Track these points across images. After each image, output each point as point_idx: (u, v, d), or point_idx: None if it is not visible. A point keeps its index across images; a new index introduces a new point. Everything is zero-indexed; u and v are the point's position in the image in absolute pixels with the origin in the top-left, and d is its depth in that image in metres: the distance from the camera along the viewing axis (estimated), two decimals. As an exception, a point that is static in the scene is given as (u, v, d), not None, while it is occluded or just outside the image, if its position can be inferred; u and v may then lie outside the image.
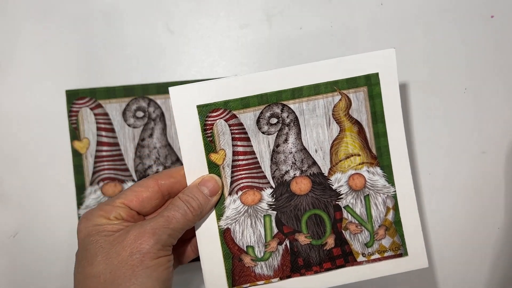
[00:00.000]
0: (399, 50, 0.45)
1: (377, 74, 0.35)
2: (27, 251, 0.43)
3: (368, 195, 0.36)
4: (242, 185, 0.35)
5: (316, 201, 0.36)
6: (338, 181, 0.36)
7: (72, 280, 0.31)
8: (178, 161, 0.43)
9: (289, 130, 0.35)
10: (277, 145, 0.35)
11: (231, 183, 0.35)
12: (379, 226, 0.36)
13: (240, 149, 0.35)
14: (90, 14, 0.44)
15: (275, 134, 0.35)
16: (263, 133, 0.35)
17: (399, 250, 0.36)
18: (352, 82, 0.35)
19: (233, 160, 0.35)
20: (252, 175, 0.35)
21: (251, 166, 0.35)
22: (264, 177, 0.36)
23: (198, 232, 0.35)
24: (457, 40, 0.46)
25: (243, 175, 0.35)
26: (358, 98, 0.35)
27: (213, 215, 0.35)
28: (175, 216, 0.31)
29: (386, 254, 0.36)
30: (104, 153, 0.42)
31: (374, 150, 0.36)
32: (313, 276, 0.36)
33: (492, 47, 0.46)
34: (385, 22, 0.45)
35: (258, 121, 0.35)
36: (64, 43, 0.44)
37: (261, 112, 0.35)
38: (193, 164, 0.34)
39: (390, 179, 0.36)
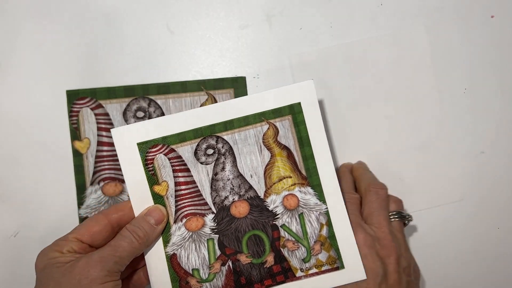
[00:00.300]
0: (399, 50, 0.45)
1: (299, 103, 0.38)
2: (27, 251, 0.43)
3: (302, 213, 0.39)
4: (185, 212, 0.38)
5: (254, 223, 0.38)
6: (274, 202, 0.39)
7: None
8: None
9: (225, 159, 0.39)
10: (215, 174, 0.38)
11: (176, 211, 0.38)
12: (314, 241, 0.38)
13: (181, 179, 0.38)
14: (90, 14, 0.44)
15: (213, 164, 0.38)
16: (201, 163, 0.38)
17: (336, 264, 0.38)
18: (278, 112, 0.39)
19: (176, 190, 0.38)
20: (195, 202, 0.38)
21: (193, 195, 0.38)
22: (206, 203, 0.38)
23: (147, 259, 0.37)
24: (457, 40, 0.46)
25: (186, 204, 0.38)
26: (284, 126, 0.39)
27: (160, 242, 0.37)
28: (121, 245, 0.34)
29: (323, 268, 0.38)
30: (104, 153, 0.42)
31: (304, 172, 0.39)
32: None
33: (492, 47, 0.46)
34: (385, 22, 0.45)
35: (195, 153, 0.38)
36: (64, 43, 0.44)
37: (198, 145, 0.38)
38: (139, 197, 0.37)
39: (321, 197, 0.39)
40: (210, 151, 0.38)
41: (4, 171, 0.43)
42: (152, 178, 0.37)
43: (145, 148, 0.37)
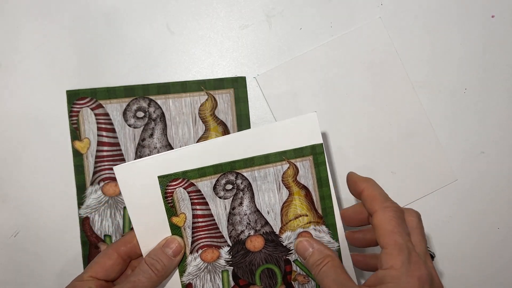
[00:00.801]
0: (398, 50, 0.45)
1: (321, 144, 0.39)
2: (27, 251, 0.43)
3: None
4: (202, 244, 0.39)
5: (268, 257, 0.40)
6: (288, 238, 0.40)
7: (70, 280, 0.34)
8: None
9: (243, 194, 0.39)
10: (233, 208, 0.39)
11: (192, 242, 0.39)
12: None
13: (199, 212, 0.39)
14: (90, 14, 0.44)
15: (231, 198, 0.39)
16: (219, 197, 0.39)
17: None
18: (299, 152, 0.39)
19: (193, 222, 0.38)
20: (211, 235, 0.39)
21: (210, 227, 0.39)
22: (222, 236, 0.39)
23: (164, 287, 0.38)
24: (457, 40, 0.46)
25: (203, 235, 0.39)
26: (305, 166, 0.39)
27: (176, 271, 0.38)
28: (140, 280, 0.35)
29: None
30: (104, 153, 0.42)
31: (320, 211, 0.40)
32: None
33: (492, 47, 0.46)
34: (385, 22, 0.45)
35: (214, 188, 0.39)
36: (64, 43, 0.44)
37: (217, 180, 0.39)
38: (148, 229, 0.37)
39: (334, 235, 0.40)
40: (229, 187, 0.39)
41: (4, 171, 0.43)
42: (171, 210, 0.38)
43: (166, 181, 0.38)
